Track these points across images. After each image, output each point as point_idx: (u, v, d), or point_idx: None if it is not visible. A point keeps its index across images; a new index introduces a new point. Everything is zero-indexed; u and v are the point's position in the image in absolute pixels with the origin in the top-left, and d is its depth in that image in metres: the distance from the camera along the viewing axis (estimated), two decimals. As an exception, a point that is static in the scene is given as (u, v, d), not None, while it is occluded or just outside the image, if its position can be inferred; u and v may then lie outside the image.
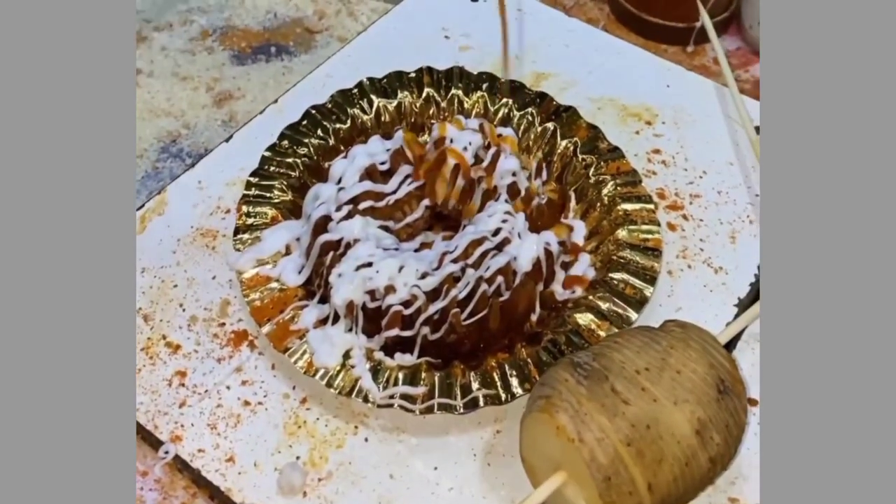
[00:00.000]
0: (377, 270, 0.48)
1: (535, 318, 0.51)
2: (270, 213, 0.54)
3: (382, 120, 0.60)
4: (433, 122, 0.60)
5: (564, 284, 0.52)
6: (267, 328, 0.49)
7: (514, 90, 0.61)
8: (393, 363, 0.48)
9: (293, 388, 0.50)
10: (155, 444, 0.48)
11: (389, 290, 0.48)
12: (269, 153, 0.57)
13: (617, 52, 0.70)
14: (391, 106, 0.61)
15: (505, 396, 0.47)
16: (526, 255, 0.50)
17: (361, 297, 0.48)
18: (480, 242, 0.49)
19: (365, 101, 0.60)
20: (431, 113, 0.61)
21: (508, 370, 0.48)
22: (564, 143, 0.58)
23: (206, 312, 0.53)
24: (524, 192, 0.54)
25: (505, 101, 0.60)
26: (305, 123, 0.59)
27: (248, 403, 0.49)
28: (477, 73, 0.62)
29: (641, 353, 0.43)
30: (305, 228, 0.52)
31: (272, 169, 0.56)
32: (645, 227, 0.54)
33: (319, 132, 0.59)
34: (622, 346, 0.43)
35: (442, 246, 0.50)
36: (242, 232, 0.53)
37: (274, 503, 0.46)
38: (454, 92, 0.61)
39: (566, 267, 0.53)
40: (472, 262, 0.49)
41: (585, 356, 0.43)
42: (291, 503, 0.46)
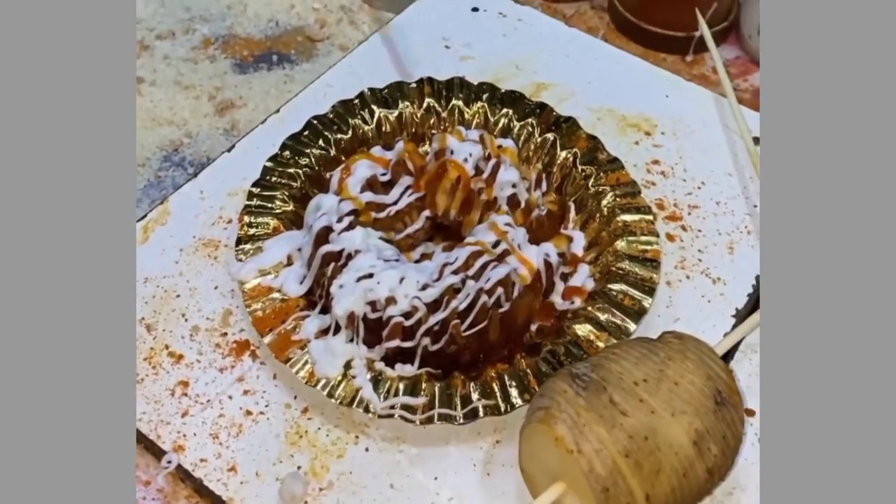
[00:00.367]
0: (378, 281, 0.49)
1: (534, 328, 0.52)
2: (272, 223, 0.55)
3: (383, 130, 0.61)
4: (434, 132, 0.61)
5: (564, 295, 0.53)
6: (269, 338, 0.50)
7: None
8: (393, 374, 0.49)
9: (295, 397, 0.50)
10: (158, 453, 0.48)
11: (390, 301, 0.48)
12: (270, 163, 0.57)
13: (616, 62, 0.70)
14: (392, 116, 0.61)
15: (504, 407, 0.47)
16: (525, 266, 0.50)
17: (362, 308, 0.48)
18: (480, 254, 0.50)
19: (366, 111, 0.61)
20: (432, 123, 0.62)
21: (508, 381, 0.48)
22: (564, 153, 0.59)
23: (208, 322, 0.53)
24: (524, 203, 0.54)
25: (505, 111, 0.61)
26: (307, 133, 0.59)
27: (249, 413, 0.50)
28: (477, 83, 0.62)
29: (639, 364, 0.43)
30: (307, 239, 0.52)
31: (274, 179, 0.57)
32: (644, 238, 0.54)
33: (321, 142, 0.59)
34: (620, 357, 0.44)
35: (442, 257, 0.51)
36: (244, 242, 0.54)
37: (275, 513, 0.46)
38: (455, 102, 0.61)
39: (565, 278, 0.53)
40: (472, 273, 0.49)
41: (584, 367, 0.44)
42: (293, 513, 0.46)
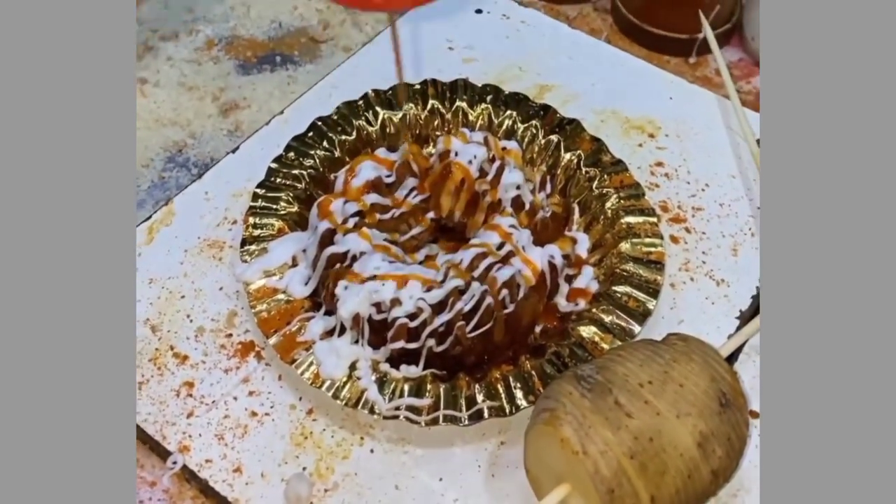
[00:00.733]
0: (383, 283, 0.49)
1: (539, 330, 0.52)
2: (277, 224, 0.55)
3: (388, 132, 0.61)
4: (438, 134, 0.61)
5: (568, 297, 0.53)
6: (274, 339, 0.50)
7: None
8: (398, 375, 0.49)
9: (300, 399, 0.50)
10: (163, 454, 0.49)
11: (395, 302, 0.48)
12: (275, 165, 0.58)
13: (620, 64, 0.70)
14: (396, 118, 0.61)
15: (509, 408, 0.47)
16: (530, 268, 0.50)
17: (367, 309, 0.48)
18: (485, 255, 0.50)
19: (370, 112, 0.61)
20: (436, 125, 0.62)
21: (513, 382, 0.48)
22: (568, 155, 0.59)
23: (213, 323, 0.53)
24: (528, 205, 0.54)
25: (509, 113, 0.61)
26: (311, 135, 0.59)
27: (255, 414, 0.50)
28: (481, 84, 0.63)
29: (644, 366, 0.43)
30: (312, 240, 0.53)
31: (278, 180, 0.57)
32: (648, 240, 0.54)
33: (325, 144, 0.59)
34: (625, 359, 0.44)
35: (447, 259, 0.51)
36: (249, 243, 0.54)
37: (280, 513, 0.46)
38: (459, 104, 0.62)
39: (570, 280, 0.53)
40: (477, 274, 0.49)
41: (589, 369, 0.44)
42: (298, 514, 0.46)
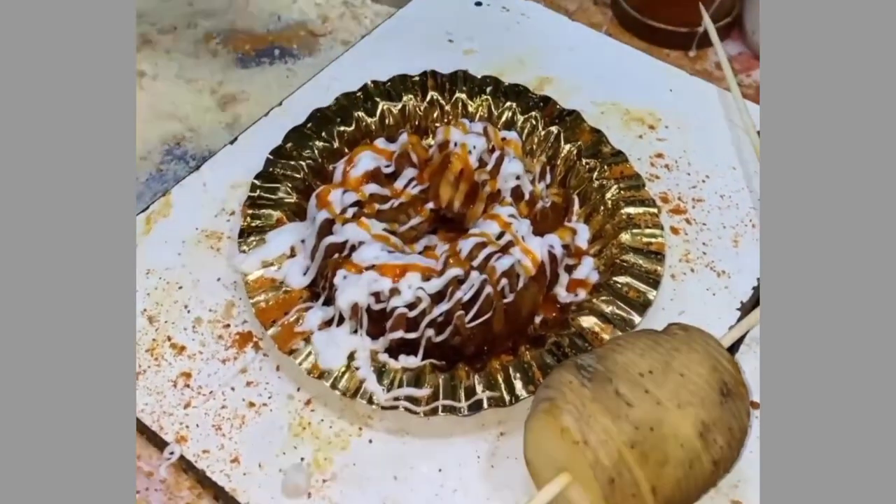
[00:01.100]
0: (381, 273, 0.48)
1: (538, 320, 0.52)
2: (275, 215, 0.54)
3: (387, 123, 0.61)
4: (437, 125, 0.61)
5: (568, 288, 0.53)
6: (272, 330, 0.49)
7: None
8: (397, 365, 0.48)
9: (298, 389, 0.50)
10: (160, 444, 0.48)
11: (394, 292, 0.48)
12: (273, 155, 0.57)
13: (620, 56, 0.70)
14: (395, 109, 0.61)
15: (509, 399, 0.47)
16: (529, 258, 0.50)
17: (366, 299, 0.48)
18: (485, 245, 0.49)
19: (369, 103, 0.61)
20: (435, 116, 0.61)
21: (512, 372, 0.48)
22: (568, 146, 0.59)
23: (211, 314, 0.53)
24: (528, 195, 0.54)
25: (509, 104, 0.61)
26: (310, 126, 0.59)
27: (252, 405, 0.49)
28: (481, 76, 0.62)
29: (645, 355, 0.43)
30: (310, 231, 0.52)
31: (277, 171, 0.56)
32: (648, 230, 0.54)
33: (324, 135, 0.59)
34: (626, 348, 0.44)
35: (446, 248, 0.50)
36: (247, 234, 0.54)
37: (278, 504, 0.46)
38: (458, 95, 0.61)
39: (570, 270, 0.53)
40: (476, 264, 0.49)
41: (589, 359, 0.44)
42: (296, 504, 0.46)
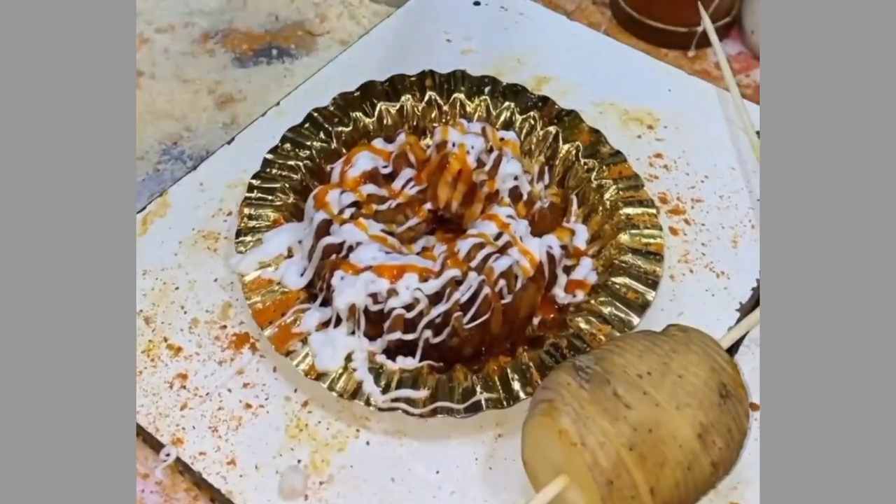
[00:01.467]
0: (379, 274, 0.48)
1: (536, 321, 0.51)
2: (272, 215, 0.54)
3: (385, 123, 0.60)
4: (435, 125, 0.60)
5: (566, 288, 0.52)
6: (269, 331, 0.49)
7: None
8: (395, 366, 0.48)
9: (295, 390, 0.50)
10: (156, 446, 0.48)
11: (392, 293, 0.48)
12: (271, 155, 0.57)
13: (618, 56, 0.70)
14: (393, 109, 0.61)
15: (507, 400, 0.47)
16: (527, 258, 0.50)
17: (363, 300, 0.48)
18: (482, 245, 0.49)
19: (367, 103, 0.60)
20: (433, 116, 0.61)
21: (510, 374, 0.48)
22: (566, 146, 0.58)
23: (207, 315, 0.53)
24: (526, 195, 0.54)
25: (507, 104, 0.60)
26: (307, 126, 0.59)
27: (249, 406, 0.49)
28: (479, 76, 0.62)
29: (643, 357, 0.43)
30: (308, 231, 0.52)
31: (274, 171, 0.56)
32: (647, 231, 0.54)
33: (321, 135, 0.58)
34: (624, 350, 0.43)
35: (444, 249, 0.50)
36: (244, 234, 0.53)
37: (275, 506, 0.46)
38: (456, 95, 0.61)
39: (568, 271, 0.53)
40: (474, 265, 0.49)
41: (587, 360, 0.43)
42: (293, 506, 0.46)
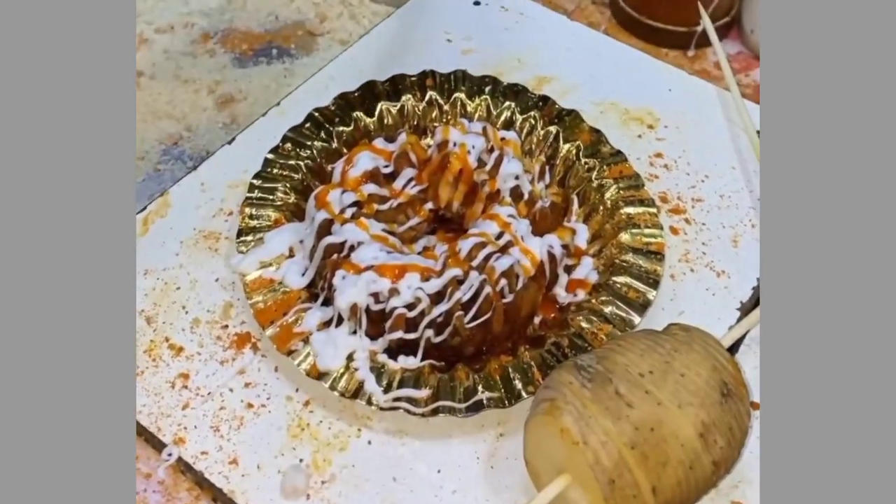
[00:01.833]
0: (380, 273, 0.48)
1: (538, 320, 0.51)
2: (273, 215, 0.54)
3: (385, 123, 0.60)
4: (436, 125, 0.60)
5: (567, 288, 0.52)
6: (270, 331, 0.49)
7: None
8: (396, 366, 0.48)
9: (296, 390, 0.50)
10: (158, 446, 0.48)
11: (393, 292, 0.48)
12: (272, 155, 0.57)
13: (619, 55, 0.70)
14: (394, 109, 0.61)
15: (508, 399, 0.47)
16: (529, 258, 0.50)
17: (365, 299, 0.48)
18: (484, 245, 0.49)
19: (368, 103, 0.60)
20: (434, 116, 0.61)
21: (512, 373, 0.48)
22: (567, 146, 0.58)
23: (208, 315, 0.53)
24: (527, 195, 0.54)
25: (508, 104, 0.61)
26: (308, 126, 0.59)
27: (251, 406, 0.49)
28: (480, 76, 0.62)
29: (645, 356, 0.43)
30: (309, 231, 0.52)
31: (275, 171, 0.56)
32: (648, 230, 0.54)
33: (322, 134, 0.59)
34: (626, 349, 0.43)
35: (445, 249, 0.50)
36: (245, 234, 0.53)
37: (277, 506, 0.46)
38: (457, 95, 0.61)
39: (569, 270, 0.53)
40: (475, 264, 0.49)
41: (589, 359, 0.43)
42: (294, 506, 0.46)
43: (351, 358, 0.48)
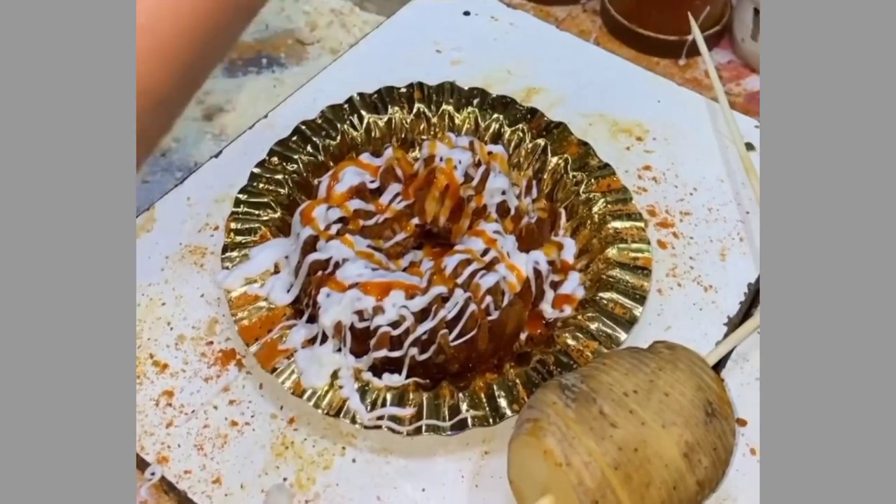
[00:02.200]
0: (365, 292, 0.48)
1: (523, 337, 0.51)
2: (259, 230, 0.54)
3: (373, 136, 0.60)
4: (424, 137, 0.60)
5: (554, 304, 0.52)
6: (255, 347, 0.49)
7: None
8: (381, 384, 0.48)
9: (281, 408, 0.50)
10: (141, 465, 0.48)
11: (378, 310, 0.48)
12: (258, 170, 0.57)
13: (608, 66, 0.69)
14: (381, 122, 0.60)
15: (493, 418, 0.47)
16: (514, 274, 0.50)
17: (350, 317, 0.48)
18: (469, 262, 0.49)
19: (355, 116, 0.60)
20: (422, 129, 0.61)
21: (497, 391, 0.47)
22: (555, 159, 0.58)
23: (193, 331, 0.53)
24: (514, 210, 0.53)
25: (496, 116, 0.60)
26: (295, 139, 0.59)
27: (235, 423, 0.49)
28: (468, 88, 0.62)
29: (629, 375, 0.43)
30: (294, 247, 0.52)
31: (261, 186, 0.56)
32: (635, 245, 0.54)
33: (309, 148, 0.58)
34: (610, 367, 0.43)
35: (430, 266, 0.50)
36: (231, 250, 0.53)
37: (261, 525, 0.46)
38: (445, 108, 0.61)
39: (555, 286, 0.53)
40: (460, 281, 0.48)
41: (573, 378, 0.43)
42: (278, 525, 0.46)
43: (335, 375, 0.48)
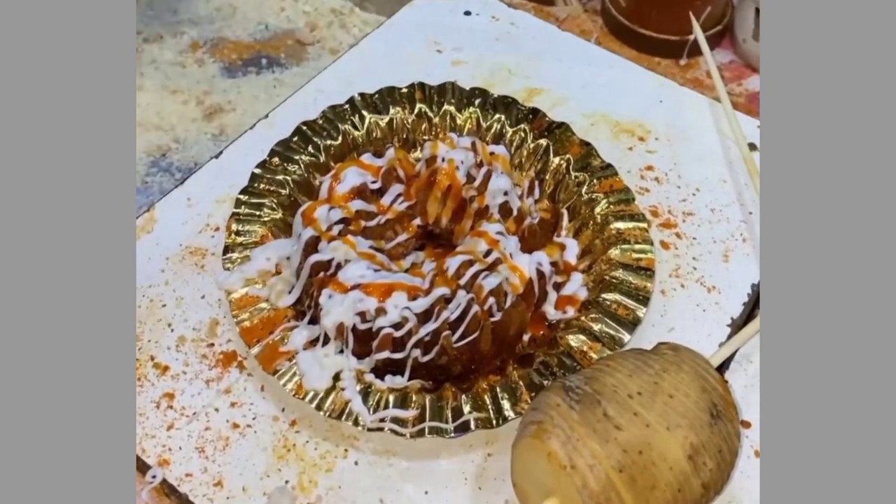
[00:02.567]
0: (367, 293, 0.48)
1: (526, 339, 0.51)
2: (260, 231, 0.54)
3: (374, 136, 0.60)
4: (425, 138, 0.60)
5: (556, 305, 0.52)
6: (256, 349, 0.49)
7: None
8: (383, 386, 0.48)
9: (282, 410, 0.49)
10: (142, 467, 0.47)
11: (380, 311, 0.47)
12: (259, 170, 0.57)
13: (610, 66, 0.69)
14: (383, 122, 0.60)
15: (496, 420, 0.46)
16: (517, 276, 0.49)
17: (352, 318, 0.47)
18: (472, 263, 0.49)
19: (356, 116, 0.60)
20: (423, 129, 0.61)
21: (500, 393, 0.47)
22: (557, 160, 0.58)
23: (194, 333, 0.52)
24: (516, 211, 0.53)
25: (498, 116, 0.60)
26: (296, 140, 0.58)
27: (236, 426, 0.49)
28: (469, 88, 0.62)
29: (634, 376, 0.42)
30: (296, 248, 0.52)
31: (262, 186, 0.56)
32: (638, 246, 0.53)
33: (310, 148, 0.58)
34: (614, 369, 0.43)
35: (433, 267, 0.50)
36: (232, 251, 0.53)
37: (263, 528, 0.45)
38: (446, 108, 0.61)
39: (558, 287, 0.53)
40: (463, 283, 0.48)
41: (577, 380, 0.43)
42: (280, 528, 0.45)
43: (337, 377, 0.48)
